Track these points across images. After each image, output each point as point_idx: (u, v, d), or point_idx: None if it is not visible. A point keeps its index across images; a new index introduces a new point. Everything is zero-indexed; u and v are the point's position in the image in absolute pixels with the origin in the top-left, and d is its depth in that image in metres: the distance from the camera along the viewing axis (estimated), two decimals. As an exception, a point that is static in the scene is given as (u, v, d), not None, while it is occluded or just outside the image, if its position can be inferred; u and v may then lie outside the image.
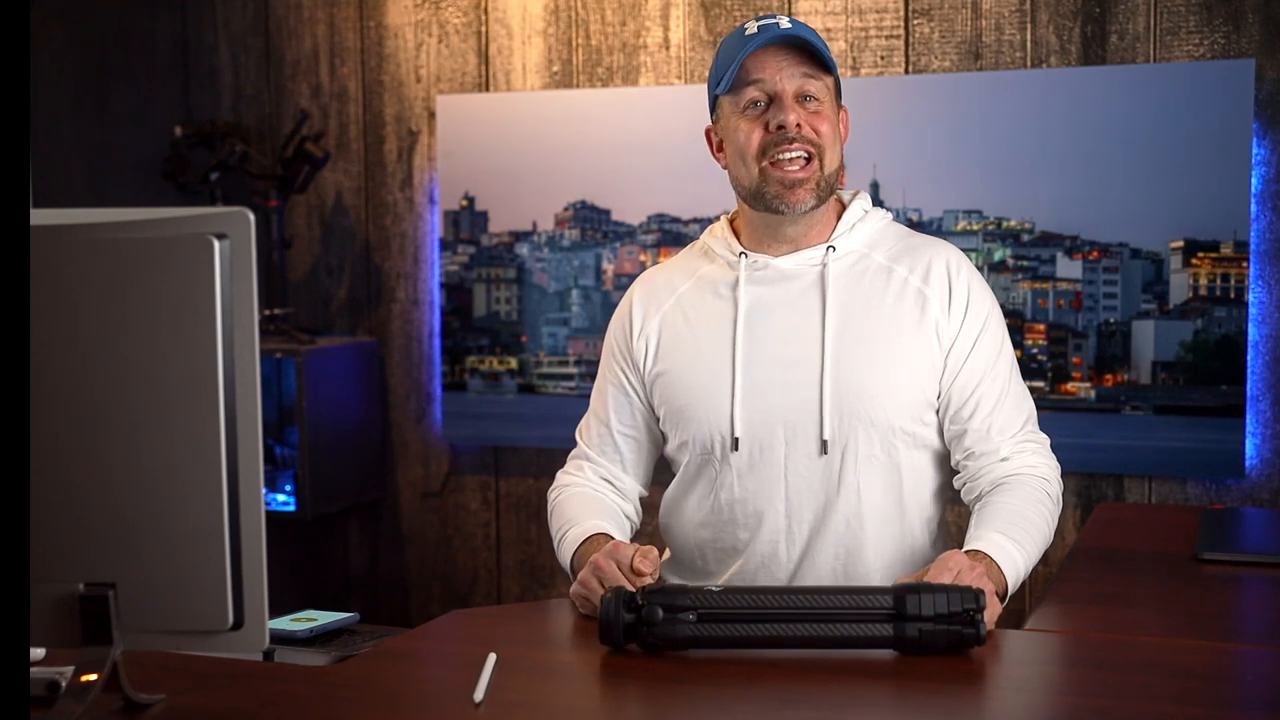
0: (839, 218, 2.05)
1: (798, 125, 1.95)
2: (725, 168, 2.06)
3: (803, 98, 1.97)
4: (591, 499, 2.08)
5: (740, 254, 2.04)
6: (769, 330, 2.01)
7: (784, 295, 2.02)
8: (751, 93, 1.97)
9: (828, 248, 2.02)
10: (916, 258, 2.03)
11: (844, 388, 1.97)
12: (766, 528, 2.01)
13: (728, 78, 1.97)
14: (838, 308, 1.99)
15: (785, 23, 1.97)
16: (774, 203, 1.97)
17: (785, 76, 1.96)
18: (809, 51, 1.96)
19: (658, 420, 2.11)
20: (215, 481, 1.37)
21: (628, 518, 2.12)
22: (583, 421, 2.18)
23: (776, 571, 2.02)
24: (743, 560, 2.04)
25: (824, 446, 1.97)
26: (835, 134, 1.99)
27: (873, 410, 1.97)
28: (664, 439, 2.13)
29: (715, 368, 2.02)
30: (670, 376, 2.06)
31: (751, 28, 1.98)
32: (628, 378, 2.12)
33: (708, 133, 2.09)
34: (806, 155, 1.96)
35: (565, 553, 2.01)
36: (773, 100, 1.96)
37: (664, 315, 2.09)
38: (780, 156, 1.95)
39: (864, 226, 2.05)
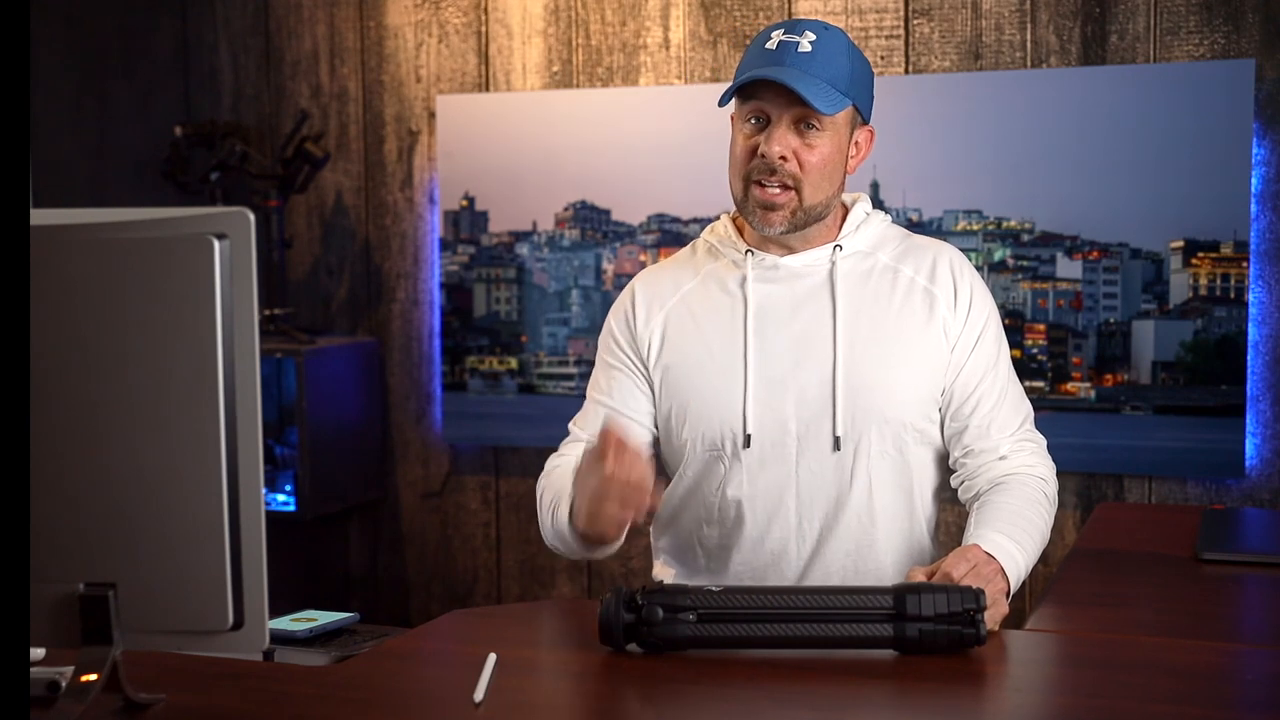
0: (843, 220, 2.06)
1: (781, 158, 1.92)
2: None
3: (803, 123, 1.94)
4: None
5: (747, 251, 2.04)
6: (780, 328, 2.01)
7: (793, 293, 2.02)
8: (753, 106, 1.95)
9: (835, 246, 2.02)
10: (921, 257, 2.04)
11: (857, 385, 1.97)
12: (777, 525, 2.01)
13: (729, 92, 1.95)
14: (848, 306, 2.00)
15: (806, 45, 1.92)
16: (751, 219, 1.99)
17: (786, 103, 1.92)
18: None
19: (657, 415, 2.08)
20: (215, 481, 1.37)
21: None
22: (577, 415, 2.12)
23: (786, 570, 2.01)
24: (752, 557, 2.03)
25: (837, 443, 1.98)
26: (830, 164, 1.95)
27: (885, 407, 1.97)
28: (657, 440, 2.09)
29: (726, 365, 2.01)
30: (678, 372, 2.04)
31: (773, 42, 1.94)
32: (632, 363, 2.07)
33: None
34: (786, 185, 1.94)
35: (562, 517, 1.94)
36: (770, 121, 1.94)
37: (668, 311, 2.07)
38: (761, 180, 1.95)
39: (867, 228, 2.06)
